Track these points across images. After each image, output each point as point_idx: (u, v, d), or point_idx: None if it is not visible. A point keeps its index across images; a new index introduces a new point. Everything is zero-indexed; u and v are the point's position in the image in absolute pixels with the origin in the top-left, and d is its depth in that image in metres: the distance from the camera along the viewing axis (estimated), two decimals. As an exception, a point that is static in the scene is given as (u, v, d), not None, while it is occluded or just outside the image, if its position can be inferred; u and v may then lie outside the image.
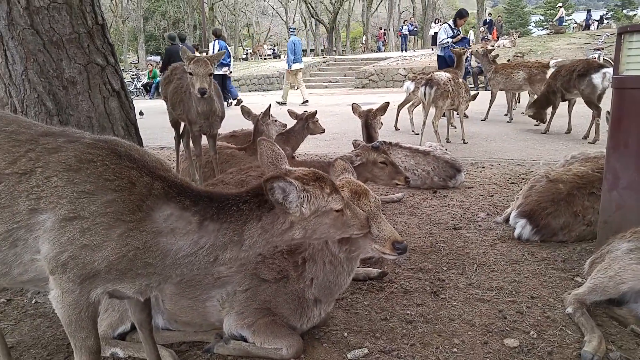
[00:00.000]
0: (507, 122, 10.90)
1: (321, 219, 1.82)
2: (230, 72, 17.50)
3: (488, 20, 31.66)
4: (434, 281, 3.12)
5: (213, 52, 16.64)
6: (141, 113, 14.74)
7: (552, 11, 59.92)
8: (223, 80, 16.34)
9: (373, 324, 2.65)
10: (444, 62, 11.85)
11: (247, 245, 1.74)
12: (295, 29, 18.50)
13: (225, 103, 17.33)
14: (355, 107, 5.83)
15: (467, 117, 8.41)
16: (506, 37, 28.14)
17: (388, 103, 6.14)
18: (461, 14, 12.17)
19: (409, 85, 10.45)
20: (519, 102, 13.23)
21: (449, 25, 12.01)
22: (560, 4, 39.56)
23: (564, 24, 37.91)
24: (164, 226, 1.63)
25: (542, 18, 62.14)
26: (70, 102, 3.52)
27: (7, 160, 1.63)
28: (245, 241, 1.73)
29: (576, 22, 45.00)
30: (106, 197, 1.57)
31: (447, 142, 8.63)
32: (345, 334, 2.55)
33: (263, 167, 2.04)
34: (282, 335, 2.38)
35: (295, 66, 17.15)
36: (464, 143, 8.50)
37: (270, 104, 5.31)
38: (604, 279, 2.54)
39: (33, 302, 3.04)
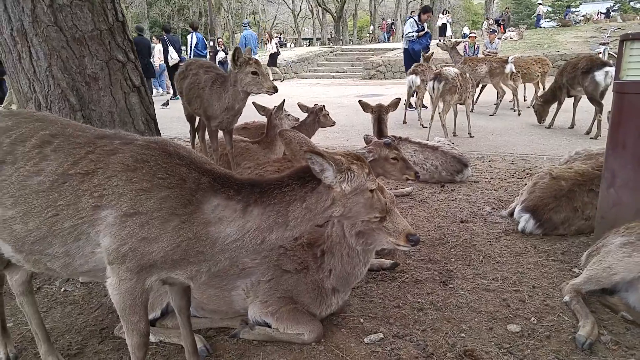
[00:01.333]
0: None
1: (358, 197, 1.97)
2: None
3: (499, 17, 31.64)
4: (443, 271, 3.37)
5: (191, 44, 16.91)
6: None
7: (559, 2, 59.36)
8: None
9: (387, 311, 2.89)
10: (409, 56, 12.38)
11: (292, 225, 1.91)
12: (248, 23, 19.28)
13: None
14: (364, 104, 6.04)
15: (472, 111, 8.63)
16: (513, 29, 28.05)
17: (399, 99, 6.34)
18: (425, 10, 12.82)
19: (414, 78, 10.58)
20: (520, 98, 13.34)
21: (414, 19, 12.55)
22: (540, 2, 38.76)
23: (541, 21, 37.15)
24: (212, 216, 1.82)
25: (550, 9, 61.52)
26: (92, 98, 3.63)
27: (69, 161, 1.81)
28: (291, 221, 1.90)
29: (583, 15, 44.61)
30: (161, 194, 1.76)
31: (454, 135, 8.82)
32: (362, 320, 2.80)
33: (294, 154, 2.17)
34: (304, 322, 2.60)
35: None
36: (471, 137, 8.70)
37: (284, 99, 5.49)
38: (599, 270, 2.78)
39: (62, 290, 3.23)
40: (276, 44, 22.45)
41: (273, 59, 23.12)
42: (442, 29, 29.60)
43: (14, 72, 3.64)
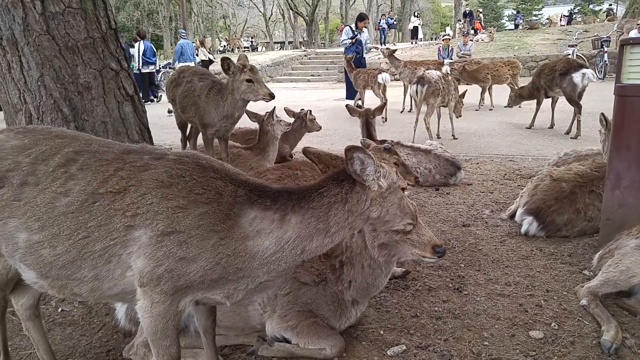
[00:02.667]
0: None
1: (392, 196, 1.93)
2: (158, 70, 18.57)
3: (468, 12, 31.88)
4: (455, 278, 3.33)
5: (138, 52, 17.10)
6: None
7: (524, 5, 61.05)
8: (150, 77, 17.61)
9: (405, 321, 2.83)
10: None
11: (333, 231, 1.83)
12: (185, 32, 19.97)
13: (155, 99, 17.87)
14: (351, 108, 6.02)
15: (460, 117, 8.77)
16: (484, 31, 28.64)
17: (385, 103, 6.32)
18: (361, 17, 13.55)
19: (385, 76, 11.28)
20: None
21: (349, 27, 13.44)
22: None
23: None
24: (250, 230, 1.73)
25: (515, 12, 63.25)
26: (85, 108, 3.51)
27: (99, 179, 1.71)
28: (332, 227, 1.82)
29: (547, 18, 45.96)
30: (199, 210, 1.67)
31: (438, 137, 8.87)
32: (381, 332, 2.72)
33: (327, 166, 2.09)
34: (325, 336, 2.50)
35: (182, 65, 18.73)
36: (454, 139, 8.77)
37: (275, 106, 5.40)
38: (616, 273, 2.78)
39: (59, 310, 3.04)
40: (208, 50, 22.26)
41: (205, 66, 23.12)
42: (414, 31, 30.05)
43: (3, 83, 3.47)
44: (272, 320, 2.57)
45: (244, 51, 42.65)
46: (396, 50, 14.66)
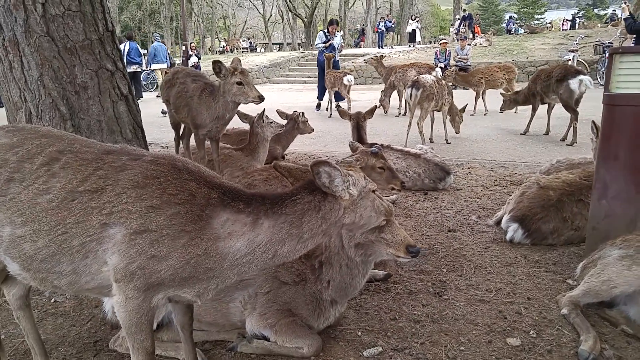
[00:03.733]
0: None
1: (365, 201, 1.97)
2: (143, 70, 19.94)
3: (467, 15, 31.75)
4: (436, 282, 3.31)
5: (123, 52, 17.68)
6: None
7: (525, 9, 61.19)
8: (135, 77, 18.19)
9: (383, 323, 2.82)
10: (319, 64, 14.23)
11: (306, 237, 1.85)
12: (160, 36, 22.53)
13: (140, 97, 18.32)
14: (342, 111, 6.01)
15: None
16: (482, 36, 28.68)
17: (376, 106, 6.33)
18: (331, 22, 14.60)
19: (350, 78, 12.40)
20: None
21: (323, 32, 14.40)
22: (458, 17, 38.84)
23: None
24: (222, 231, 1.76)
25: (516, 16, 63.31)
26: (81, 107, 3.58)
27: (78, 178, 1.77)
28: (305, 233, 1.84)
29: (549, 22, 45.96)
30: (171, 210, 1.70)
31: (431, 142, 8.88)
32: (359, 333, 2.72)
33: (297, 179, 2.14)
34: (303, 335, 2.53)
35: (154, 66, 19.85)
36: (447, 143, 8.77)
37: (264, 108, 5.40)
38: (597, 283, 2.76)
39: (52, 301, 3.12)
40: (196, 55, 22.76)
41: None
42: (412, 35, 30.02)
43: (5, 82, 3.60)
44: (252, 318, 2.60)
45: (242, 52, 42.70)
46: (384, 56, 15.32)
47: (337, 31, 14.10)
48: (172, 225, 1.69)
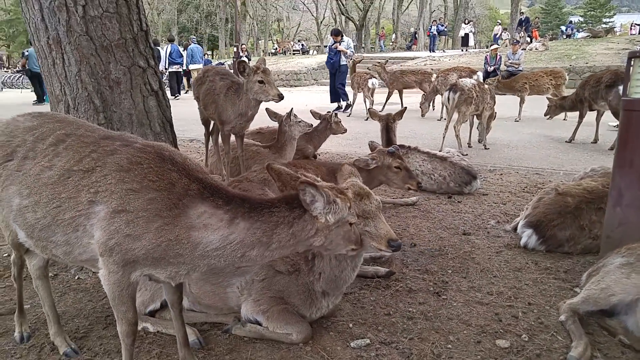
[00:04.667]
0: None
1: (339, 230, 2.06)
2: (183, 70, 21.25)
3: (524, 19, 30.63)
4: (438, 282, 3.32)
5: (166, 53, 19.57)
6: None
7: (592, 12, 58.30)
8: (177, 77, 20.59)
9: (377, 317, 2.88)
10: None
11: (274, 247, 1.96)
12: (195, 38, 25.09)
13: (178, 95, 20.00)
14: (373, 112, 6.06)
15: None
16: (539, 40, 27.66)
17: (406, 108, 6.33)
18: (331, 33, 15.60)
19: (374, 81, 13.06)
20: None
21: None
22: (499, 21, 36.98)
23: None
24: (197, 222, 1.87)
25: (582, 19, 60.37)
26: (114, 100, 3.85)
27: (75, 159, 1.97)
28: (274, 243, 1.95)
29: (615, 26, 43.52)
30: (149, 195, 1.85)
31: (469, 146, 8.72)
32: (350, 325, 2.80)
33: (285, 185, 2.22)
34: (293, 322, 2.65)
35: (191, 67, 20.85)
36: (485, 149, 8.59)
37: (292, 107, 5.55)
38: (596, 291, 2.70)
39: (76, 278, 3.39)
40: (246, 56, 24.28)
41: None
42: (465, 39, 29.38)
43: (49, 76, 3.92)
44: (247, 303, 2.75)
45: (293, 54, 43.30)
46: (387, 62, 16.12)
47: (341, 41, 14.75)
48: (148, 209, 1.82)
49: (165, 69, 19.49)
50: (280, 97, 4.45)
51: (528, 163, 7.46)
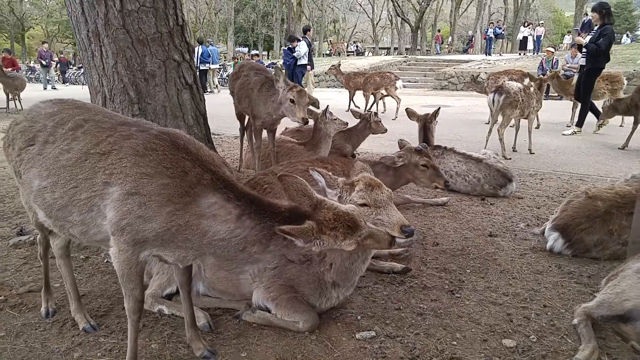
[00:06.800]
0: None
1: (333, 252, 2.14)
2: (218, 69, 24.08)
3: (587, 21, 29.18)
4: (454, 281, 3.32)
5: (197, 54, 20.81)
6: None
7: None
8: (206, 75, 22.39)
9: (386, 312, 2.92)
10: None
11: (271, 249, 2.04)
12: (211, 41, 26.66)
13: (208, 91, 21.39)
14: (411, 112, 6.07)
15: (538, 127, 8.27)
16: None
17: (439, 108, 6.30)
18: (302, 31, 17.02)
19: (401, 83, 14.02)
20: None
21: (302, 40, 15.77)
22: (569, 30, 34.11)
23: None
24: (207, 211, 1.96)
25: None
26: (149, 93, 4.02)
27: (93, 142, 2.10)
28: (271, 246, 2.02)
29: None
30: (162, 181, 1.95)
31: (514, 150, 8.50)
32: (359, 317, 2.85)
33: (291, 199, 2.26)
34: (301, 311, 2.72)
35: (212, 67, 23.30)
36: (531, 153, 8.34)
37: (328, 105, 5.66)
38: (611, 295, 2.63)
39: (105, 261, 3.60)
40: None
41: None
42: (523, 42, 28.35)
43: (88, 68, 4.14)
44: (258, 290, 2.84)
45: (347, 55, 43.39)
46: (341, 64, 17.48)
47: (302, 39, 15.56)
48: (161, 194, 1.91)
49: (197, 67, 20.68)
50: (305, 122, 4.60)
51: (573, 169, 7.19)
